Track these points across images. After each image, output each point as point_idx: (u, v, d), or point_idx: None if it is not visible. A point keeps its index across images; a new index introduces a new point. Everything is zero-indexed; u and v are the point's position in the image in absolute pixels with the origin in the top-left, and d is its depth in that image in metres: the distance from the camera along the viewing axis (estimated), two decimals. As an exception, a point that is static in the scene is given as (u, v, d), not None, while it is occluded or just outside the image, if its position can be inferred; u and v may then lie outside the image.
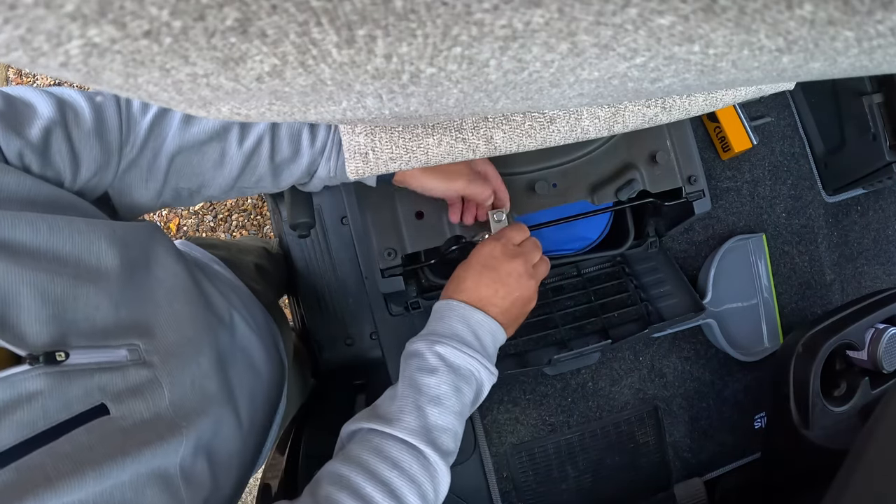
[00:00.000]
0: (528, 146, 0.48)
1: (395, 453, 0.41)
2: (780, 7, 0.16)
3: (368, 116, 0.28)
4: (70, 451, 0.30)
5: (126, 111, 0.41)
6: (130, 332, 0.37)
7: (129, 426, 0.34)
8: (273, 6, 0.16)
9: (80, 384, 0.32)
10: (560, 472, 0.79)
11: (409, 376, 0.46)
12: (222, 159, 0.44)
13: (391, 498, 0.39)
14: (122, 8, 0.15)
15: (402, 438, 0.42)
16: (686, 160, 0.65)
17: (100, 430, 0.32)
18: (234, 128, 0.44)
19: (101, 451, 0.31)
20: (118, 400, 0.34)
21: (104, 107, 0.40)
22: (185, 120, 0.42)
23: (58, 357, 0.31)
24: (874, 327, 0.68)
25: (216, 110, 0.25)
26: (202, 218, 1.62)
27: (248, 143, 0.45)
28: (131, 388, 0.35)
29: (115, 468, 0.32)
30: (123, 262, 0.38)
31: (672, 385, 0.83)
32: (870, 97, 0.79)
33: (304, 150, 0.47)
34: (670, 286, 0.76)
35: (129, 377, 0.35)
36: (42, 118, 0.37)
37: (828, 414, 0.65)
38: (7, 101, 0.36)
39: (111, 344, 0.35)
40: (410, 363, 0.47)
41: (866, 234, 0.93)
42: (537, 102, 0.28)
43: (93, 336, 0.34)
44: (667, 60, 0.20)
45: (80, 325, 0.33)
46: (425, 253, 0.63)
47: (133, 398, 0.35)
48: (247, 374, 0.50)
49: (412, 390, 0.45)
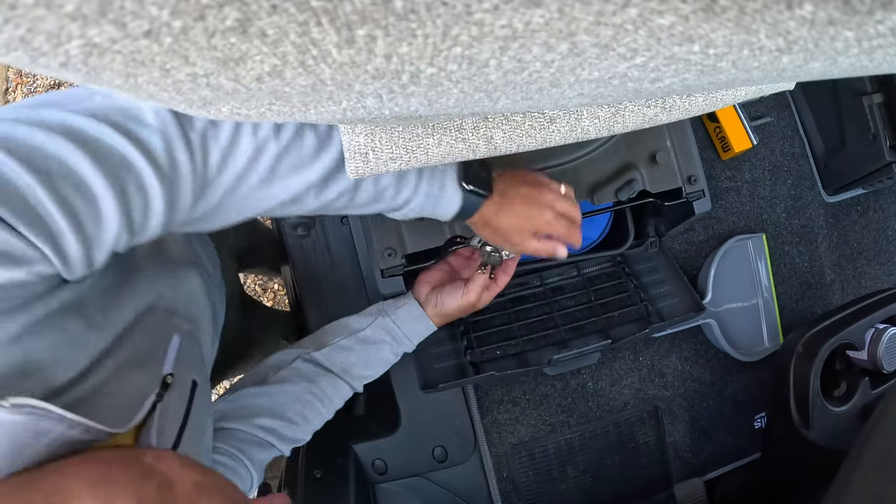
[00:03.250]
0: (528, 146, 0.48)
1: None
2: (780, 7, 0.16)
3: (368, 116, 0.28)
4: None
5: (202, 172, 0.34)
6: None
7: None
8: (273, 6, 0.16)
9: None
10: (560, 472, 0.79)
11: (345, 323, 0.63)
12: (295, 205, 0.42)
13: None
14: (122, 8, 0.15)
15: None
16: (686, 160, 0.65)
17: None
18: (314, 186, 0.40)
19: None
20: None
21: (178, 179, 0.33)
22: (267, 180, 0.37)
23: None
24: (874, 327, 0.67)
25: (216, 110, 0.25)
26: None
27: (328, 197, 0.42)
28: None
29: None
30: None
31: (672, 385, 0.83)
32: (870, 97, 0.79)
33: (384, 200, 0.45)
34: (670, 286, 0.76)
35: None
36: (110, 232, 0.31)
37: (828, 414, 0.65)
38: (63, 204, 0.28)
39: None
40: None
41: (866, 234, 0.93)
42: (537, 102, 0.28)
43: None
44: (667, 60, 0.20)
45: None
46: (425, 253, 0.63)
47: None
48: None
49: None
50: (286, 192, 0.39)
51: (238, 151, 0.36)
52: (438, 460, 0.74)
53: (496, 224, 0.51)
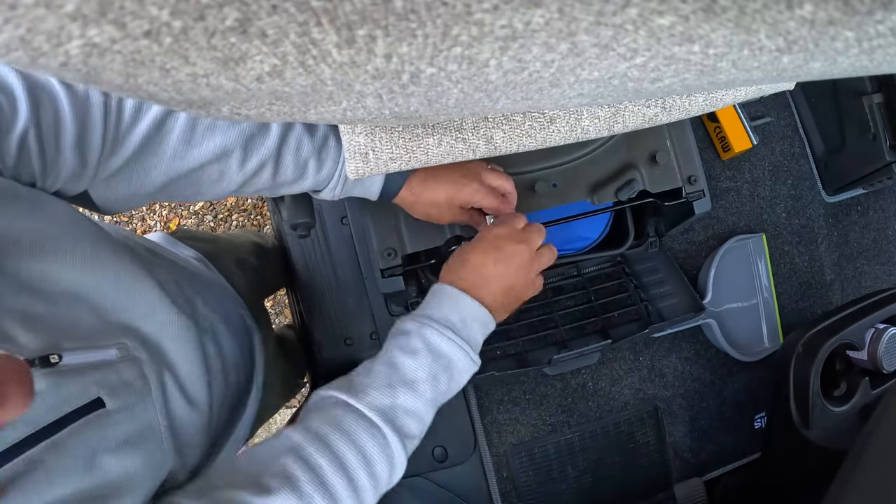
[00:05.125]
0: (528, 146, 0.48)
1: (353, 427, 0.40)
2: (780, 7, 0.16)
3: (368, 116, 0.28)
4: (70, 444, 0.31)
5: (115, 117, 0.37)
6: (118, 332, 0.37)
7: (122, 420, 0.34)
8: (273, 6, 0.16)
9: (77, 381, 0.32)
10: (560, 472, 0.79)
11: (389, 353, 0.45)
12: (221, 177, 0.44)
13: (340, 472, 0.38)
14: (122, 8, 0.15)
15: (365, 413, 0.41)
16: (686, 160, 0.65)
17: (97, 423, 0.33)
18: (235, 150, 0.42)
19: (98, 444, 0.32)
20: (113, 393, 0.34)
21: (89, 112, 0.36)
22: (185, 141, 0.40)
23: (52, 360, 0.31)
24: (874, 327, 0.67)
25: (216, 110, 0.25)
26: (202, 218, 1.62)
27: (250, 165, 0.43)
28: (125, 383, 0.35)
29: (107, 463, 0.32)
30: (104, 270, 0.38)
31: (672, 385, 0.83)
32: (870, 97, 0.79)
33: (308, 175, 0.46)
34: (670, 286, 0.76)
35: (122, 373, 0.36)
36: (19, 124, 0.33)
37: (828, 414, 0.65)
38: None
39: (101, 344, 0.35)
40: (395, 340, 0.46)
41: (866, 234, 0.93)
42: (537, 102, 0.28)
43: (82, 339, 0.34)
44: (667, 60, 0.20)
45: (67, 332, 0.34)
46: (425, 253, 0.63)
47: (127, 392, 0.35)
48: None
49: (388, 367, 0.44)
50: (205, 153, 0.41)
51: (153, 105, 0.36)
52: (438, 460, 0.74)
53: (425, 197, 0.52)
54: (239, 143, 0.42)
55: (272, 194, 0.50)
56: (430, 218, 0.55)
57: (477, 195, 0.53)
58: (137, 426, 0.36)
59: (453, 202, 0.53)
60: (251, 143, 0.43)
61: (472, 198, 0.53)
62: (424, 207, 0.53)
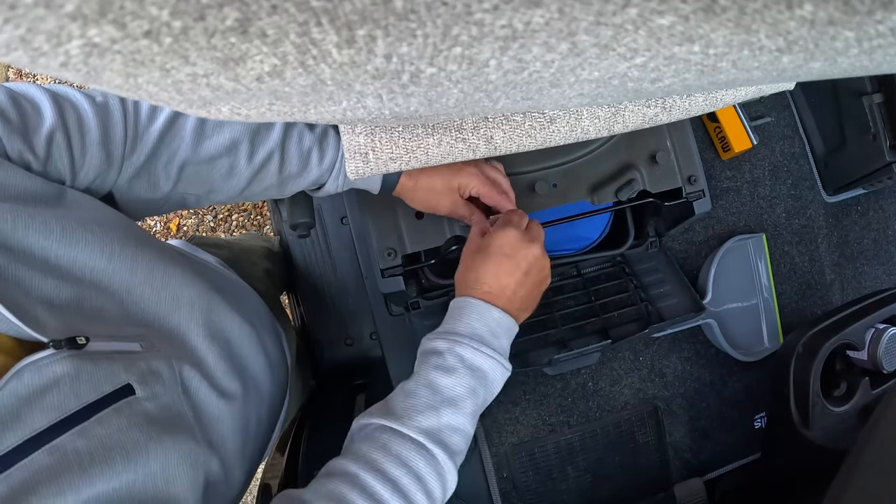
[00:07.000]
0: (528, 146, 0.48)
1: (403, 451, 0.41)
2: (780, 7, 0.16)
3: (368, 116, 0.28)
4: (101, 433, 0.30)
5: (133, 119, 0.40)
6: (142, 325, 0.38)
7: (153, 410, 0.34)
8: (273, 6, 0.16)
9: (105, 366, 0.32)
10: (560, 472, 0.79)
11: (426, 375, 0.45)
12: (231, 172, 0.45)
13: (399, 496, 0.39)
14: (122, 8, 0.15)
15: (412, 437, 0.42)
16: (686, 160, 0.65)
17: (127, 411, 0.32)
18: (244, 143, 0.44)
19: (130, 435, 0.32)
20: (143, 381, 0.34)
21: (109, 114, 0.39)
22: (197, 134, 0.42)
23: (79, 341, 0.31)
24: (874, 327, 0.67)
25: (216, 110, 0.25)
26: (202, 218, 1.62)
27: (258, 158, 0.45)
28: (153, 372, 0.35)
29: (142, 456, 0.32)
30: (132, 262, 0.38)
31: (672, 385, 0.83)
32: (870, 97, 0.79)
33: (312, 166, 0.48)
34: (670, 286, 0.76)
35: (149, 362, 0.36)
36: (46, 123, 0.36)
37: (828, 414, 0.65)
38: (12, 99, 0.35)
39: (126, 335, 0.36)
40: (428, 360, 0.46)
41: (866, 234, 0.93)
42: (537, 102, 0.28)
43: (107, 328, 0.35)
44: (667, 60, 0.20)
45: (93, 320, 0.34)
46: (425, 253, 0.63)
47: (155, 381, 0.35)
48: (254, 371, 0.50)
49: (428, 389, 0.44)
50: (216, 145, 0.43)
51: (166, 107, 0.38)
52: (438, 460, 0.74)
53: (423, 182, 0.53)
54: (246, 136, 0.44)
55: (279, 193, 0.50)
56: (429, 206, 0.56)
57: (474, 179, 0.54)
58: (168, 415, 0.35)
59: (451, 185, 0.54)
60: (257, 136, 0.45)
61: (468, 181, 0.54)
62: (423, 193, 0.54)
